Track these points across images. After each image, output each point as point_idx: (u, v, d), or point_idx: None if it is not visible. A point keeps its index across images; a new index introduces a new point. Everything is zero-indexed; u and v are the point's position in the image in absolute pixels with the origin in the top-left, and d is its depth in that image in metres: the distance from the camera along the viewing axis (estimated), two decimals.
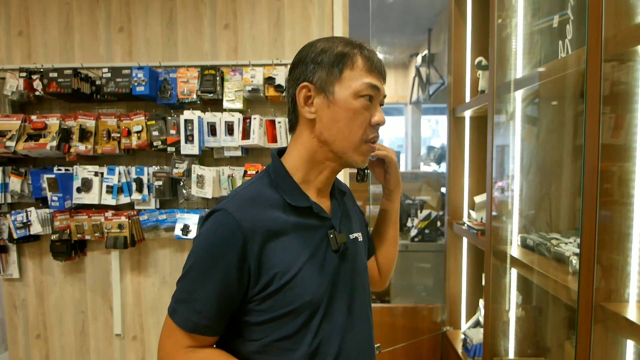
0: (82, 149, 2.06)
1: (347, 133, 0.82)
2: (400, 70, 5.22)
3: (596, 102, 0.99)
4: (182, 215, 2.11)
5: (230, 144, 2.05)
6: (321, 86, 0.82)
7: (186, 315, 0.79)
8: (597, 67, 0.99)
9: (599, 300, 1.01)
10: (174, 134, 2.07)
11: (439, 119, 5.74)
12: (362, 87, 0.81)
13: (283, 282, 0.79)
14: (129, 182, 2.13)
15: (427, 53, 4.20)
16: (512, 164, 1.62)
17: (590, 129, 1.01)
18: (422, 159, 4.94)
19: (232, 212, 0.79)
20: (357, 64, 0.82)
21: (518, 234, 1.64)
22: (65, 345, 2.32)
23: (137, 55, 2.20)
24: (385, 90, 0.85)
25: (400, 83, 5.32)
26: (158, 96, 2.08)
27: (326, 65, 0.82)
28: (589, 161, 1.01)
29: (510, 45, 1.59)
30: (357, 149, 0.84)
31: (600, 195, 0.98)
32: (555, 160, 1.63)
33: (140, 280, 2.28)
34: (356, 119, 0.82)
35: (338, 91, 0.82)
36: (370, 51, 0.84)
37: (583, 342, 1.04)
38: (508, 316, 1.69)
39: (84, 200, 2.10)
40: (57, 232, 2.13)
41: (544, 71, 1.39)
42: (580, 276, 1.04)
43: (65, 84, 2.01)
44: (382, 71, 0.85)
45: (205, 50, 2.19)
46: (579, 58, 1.22)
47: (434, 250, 2.70)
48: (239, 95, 2.06)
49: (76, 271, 2.29)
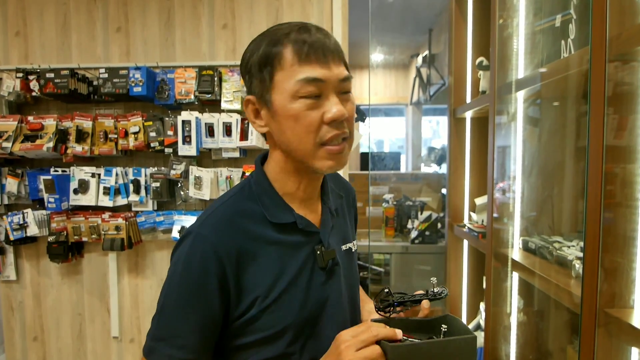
0: (79, 150, 2.04)
1: (297, 141, 0.72)
2: (400, 71, 5.20)
3: (600, 102, 0.96)
4: (180, 217, 2.10)
5: (228, 145, 2.03)
6: (261, 96, 0.74)
7: (169, 353, 0.71)
8: (601, 67, 0.96)
9: (603, 305, 0.99)
10: (171, 135, 2.05)
11: (440, 119, 5.72)
12: (297, 86, 0.69)
13: (264, 305, 0.73)
14: (126, 183, 2.11)
15: (428, 53, 4.19)
16: (513, 165, 1.60)
17: (594, 130, 0.98)
18: (422, 160, 4.92)
19: (207, 235, 0.73)
20: (285, 60, 0.70)
21: (520, 236, 1.61)
22: (63, 348, 2.30)
23: (134, 55, 2.18)
24: (341, 72, 0.71)
25: (401, 84, 5.30)
26: (155, 97, 2.06)
27: (255, 73, 0.73)
28: (592, 163, 0.99)
29: (511, 45, 1.57)
30: (315, 156, 0.72)
31: (604, 198, 0.96)
32: (557, 162, 1.60)
33: (137, 283, 2.26)
34: (300, 124, 0.70)
35: (275, 98, 0.72)
36: (300, 36, 0.70)
37: (586, 348, 1.01)
38: (509, 320, 1.66)
39: (81, 201, 2.08)
40: (54, 234, 2.11)
41: (546, 71, 1.37)
42: (584, 281, 1.01)
43: (62, 84, 1.99)
44: (325, 52, 0.70)
45: (203, 51, 2.17)
46: (581, 58, 1.19)
47: (434, 253, 2.67)
48: (237, 96, 2.04)
49: (73, 273, 2.27)
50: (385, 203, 3.12)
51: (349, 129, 0.74)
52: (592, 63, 0.99)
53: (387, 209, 3.06)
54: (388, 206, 3.08)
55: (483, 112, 1.99)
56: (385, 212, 3.06)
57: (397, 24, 3.97)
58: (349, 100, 0.74)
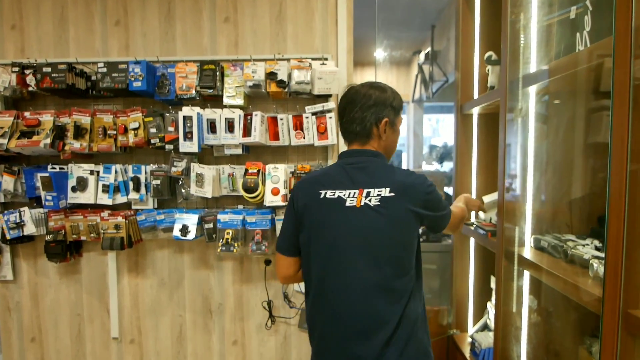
0: (77, 147, 1.99)
1: (395, 147, 1.37)
2: (402, 68, 5.15)
3: (624, 97, 0.92)
4: (181, 216, 2.05)
5: (231, 141, 1.99)
6: (392, 122, 1.32)
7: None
8: (626, 59, 0.92)
9: (625, 306, 0.95)
10: (172, 131, 2.00)
11: (440, 117, 5.67)
12: (399, 122, 1.35)
13: None
14: (126, 181, 2.06)
15: (431, 50, 4.13)
16: (525, 162, 1.56)
17: (617, 126, 0.94)
18: (424, 158, 4.87)
19: None
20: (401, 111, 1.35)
21: (531, 235, 1.57)
22: (61, 349, 2.25)
23: (134, 49, 2.13)
24: None
25: (402, 81, 5.25)
26: (156, 92, 2.01)
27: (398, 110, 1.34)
28: (615, 160, 0.95)
29: (524, 38, 1.52)
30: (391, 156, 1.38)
31: (629, 197, 0.92)
32: (570, 159, 1.56)
33: (137, 282, 2.21)
34: (397, 140, 1.38)
35: (397, 125, 1.35)
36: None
37: (608, 350, 0.97)
38: (520, 320, 1.63)
39: (80, 199, 2.03)
40: (51, 233, 2.06)
41: (560, 65, 1.33)
42: (606, 282, 0.97)
43: (59, 79, 1.94)
44: None
45: (204, 45, 2.12)
46: (598, 51, 1.15)
47: (440, 251, 2.63)
48: (239, 91, 1.99)
49: (72, 273, 2.22)
50: None
51: None
52: (615, 55, 0.95)
53: None
54: None
55: (491, 108, 1.95)
56: None
57: (399, 21, 3.92)
58: None
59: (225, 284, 2.19)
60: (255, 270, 2.18)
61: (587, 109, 1.51)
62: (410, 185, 1.21)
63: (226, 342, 2.21)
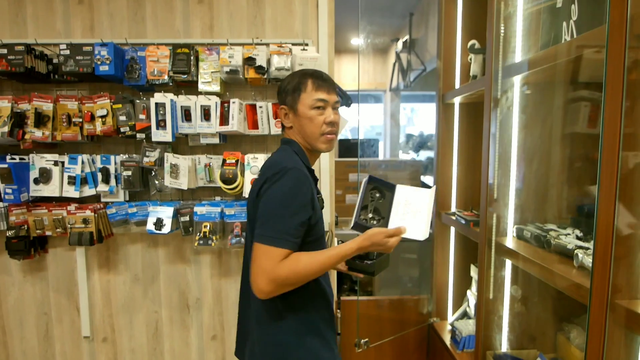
0: (39, 136, 1.85)
1: (311, 132, 1.25)
2: (378, 56, 5.11)
3: (618, 88, 0.91)
4: (155, 208, 1.95)
5: (207, 130, 1.89)
6: (291, 106, 1.26)
7: (284, 238, 1.08)
8: (620, 49, 0.90)
9: (613, 298, 0.95)
10: (143, 119, 1.88)
11: (415, 106, 5.69)
12: (312, 102, 1.23)
13: (318, 217, 1.19)
14: (94, 172, 1.94)
15: (408, 38, 4.11)
16: (508, 152, 1.55)
17: (610, 117, 0.93)
18: (401, 147, 4.88)
19: (300, 168, 1.14)
20: (307, 87, 1.24)
21: (513, 225, 1.58)
22: (28, 350, 2.13)
23: (99, 31, 1.98)
24: (335, 97, 1.27)
25: (379, 70, 5.21)
26: (125, 77, 1.88)
27: (290, 93, 1.26)
28: (606, 150, 0.94)
29: (510, 26, 1.50)
30: (318, 140, 1.25)
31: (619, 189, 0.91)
32: (552, 149, 1.57)
33: (109, 279, 2.10)
34: (313, 122, 1.24)
35: (299, 108, 1.25)
36: (316, 75, 1.26)
37: (595, 340, 0.98)
38: (501, 309, 1.64)
39: (43, 192, 1.89)
40: (13, 228, 1.92)
41: (545, 55, 1.32)
42: (594, 273, 0.97)
43: (16, 61, 1.78)
44: (329, 87, 1.26)
45: (177, 27, 2.00)
46: (585, 41, 1.14)
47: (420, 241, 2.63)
48: (215, 77, 1.90)
49: (37, 270, 2.09)
50: None
51: (337, 129, 1.28)
52: (609, 44, 0.93)
53: None
54: None
55: (474, 98, 1.94)
56: None
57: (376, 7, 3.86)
58: (337, 114, 1.29)
59: (203, 278, 2.12)
60: (234, 264, 2.11)
61: (568, 99, 1.52)
62: (263, 168, 1.21)
63: (205, 337, 2.15)
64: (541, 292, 1.61)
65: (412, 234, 1.24)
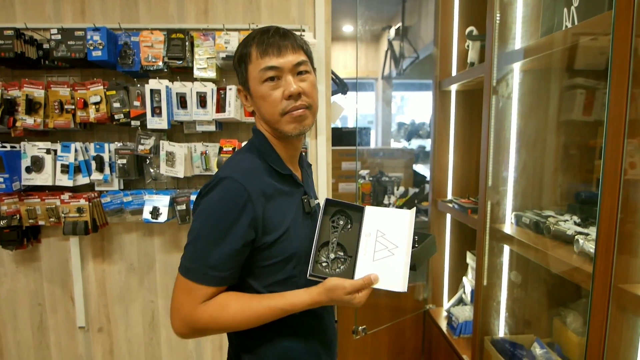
0: (30, 123, 1.80)
1: (268, 114, 0.95)
2: (370, 44, 5.07)
3: (624, 75, 0.91)
4: (151, 197, 1.92)
5: (203, 117, 1.86)
6: (244, 85, 0.99)
7: (203, 271, 0.87)
8: (627, 36, 0.91)
9: (616, 282, 0.97)
10: (138, 105, 1.85)
11: (406, 94, 5.69)
12: (260, 74, 0.92)
13: (276, 237, 0.93)
14: (88, 160, 1.90)
15: (401, 26, 4.08)
16: (507, 139, 1.56)
17: (615, 104, 0.94)
18: (392, 135, 4.89)
19: (238, 179, 0.89)
20: (252, 56, 0.94)
21: (512, 212, 1.60)
22: (22, 341, 2.10)
23: (90, 15, 1.92)
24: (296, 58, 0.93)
25: (371, 57, 5.18)
26: (118, 62, 1.83)
27: (237, 69, 0.99)
28: (611, 137, 0.95)
29: (510, 13, 1.50)
30: (280, 122, 0.95)
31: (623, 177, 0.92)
32: (551, 136, 1.58)
33: (104, 268, 2.08)
34: (267, 101, 0.93)
35: (250, 85, 0.96)
36: (261, 38, 0.93)
37: (597, 325, 1.00)
38: (499, 294, 1.67)
39: (35, 181, 1.85)
40: (4, 218, 1.88)
41: (546, 42, 1.32)
42: (597, 258, 0.99)
43: (5, 46, 1.72)
44: (280, 46, 0.92)
45: (170, 12, 1.95)
46: (587, 28, 1.14)
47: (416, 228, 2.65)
48: (211, 63, 1.86)
49: (30, 260, 2.05)
50: (361, 179, 3.06)
51: (309, 99, 0.95)
52: (614, 31, 0.94)
53: (364, 184, 3.01)
54: (364, 182, 3.02)
55: (471, 85, 1.94)
56: (362, 188, 3.00)
57: None
58: (305, 80, 0.95)
59: None
60: None
61: (567, 87, 1.53)
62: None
63: None
64: (538, 278, 1.64)
65: (387, 283, 0.91)
